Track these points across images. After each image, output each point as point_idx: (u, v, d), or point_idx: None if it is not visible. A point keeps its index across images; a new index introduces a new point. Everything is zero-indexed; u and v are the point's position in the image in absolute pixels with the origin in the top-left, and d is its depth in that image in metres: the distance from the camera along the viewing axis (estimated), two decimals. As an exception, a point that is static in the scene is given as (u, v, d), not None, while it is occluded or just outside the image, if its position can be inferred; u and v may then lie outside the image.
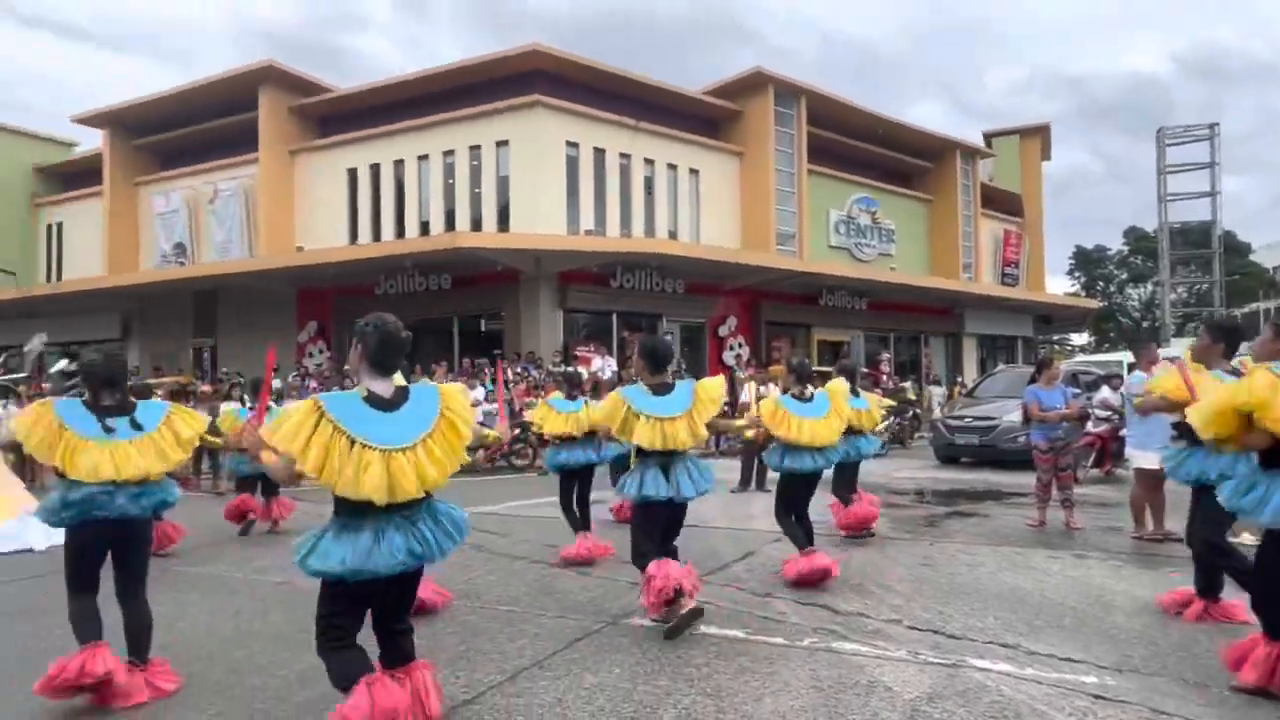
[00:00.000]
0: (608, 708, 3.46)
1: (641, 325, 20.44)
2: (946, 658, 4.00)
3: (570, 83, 20.25)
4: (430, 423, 2.93)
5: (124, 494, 3.60)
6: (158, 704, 3.57)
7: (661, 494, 4.42)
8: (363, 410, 2.84)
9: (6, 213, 26.55)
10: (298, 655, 4.19)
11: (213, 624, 4.87)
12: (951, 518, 8.32)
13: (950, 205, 28.80)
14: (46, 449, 3.58)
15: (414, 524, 2.88)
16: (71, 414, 3.63)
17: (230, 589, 5.70)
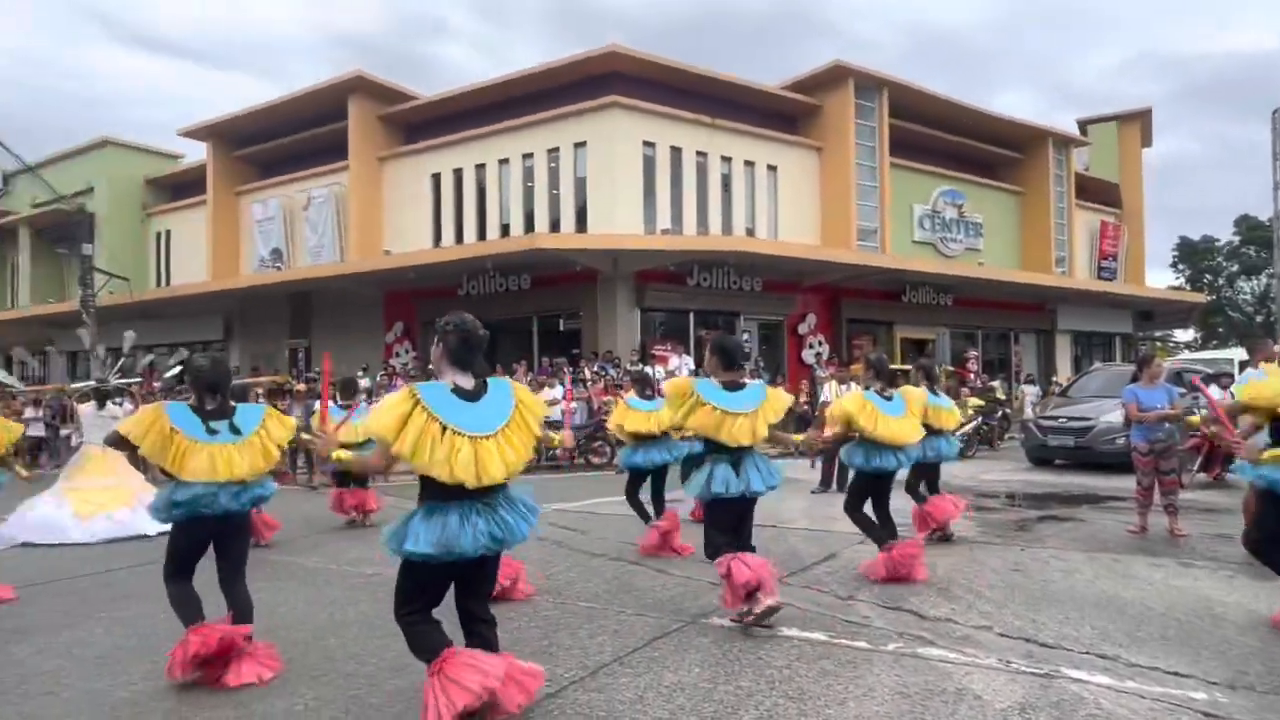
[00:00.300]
0: (688, 706, 3.46)
1: (718, 324, 20.35)
2: (1039, 667, 3.84)
3: (646, 82, 20.32)
4: (509, 413, 3.14)
5: (226, 493, 3.85)
6: (255, 691, 3.75)
7: (733, 490, 4.44)
8: (451, 400, 3.04)
9: (121, 222, 28.33)
10: (389, 644, 4.34)
11: (308, 613, 5.09)
12: (1044, 522, 7.99)
13: (1042, 197, 27.63)
14: (159, 451, 3.81)
15: (494, 509, 3.07)
16: (180, 417, 3.87)
17: (325, 579, 5.94)
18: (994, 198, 27.29)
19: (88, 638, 4.65)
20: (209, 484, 3.79)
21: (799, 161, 22.81)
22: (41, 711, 3.57)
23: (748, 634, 4.39)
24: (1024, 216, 28.02)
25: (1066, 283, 26.13)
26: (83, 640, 4.59)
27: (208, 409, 3.97)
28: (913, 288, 23.08)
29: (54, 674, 4.02)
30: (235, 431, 3.95)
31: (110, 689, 3.81)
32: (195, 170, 27.81)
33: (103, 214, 27.34)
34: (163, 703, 3.63)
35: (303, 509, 8.86)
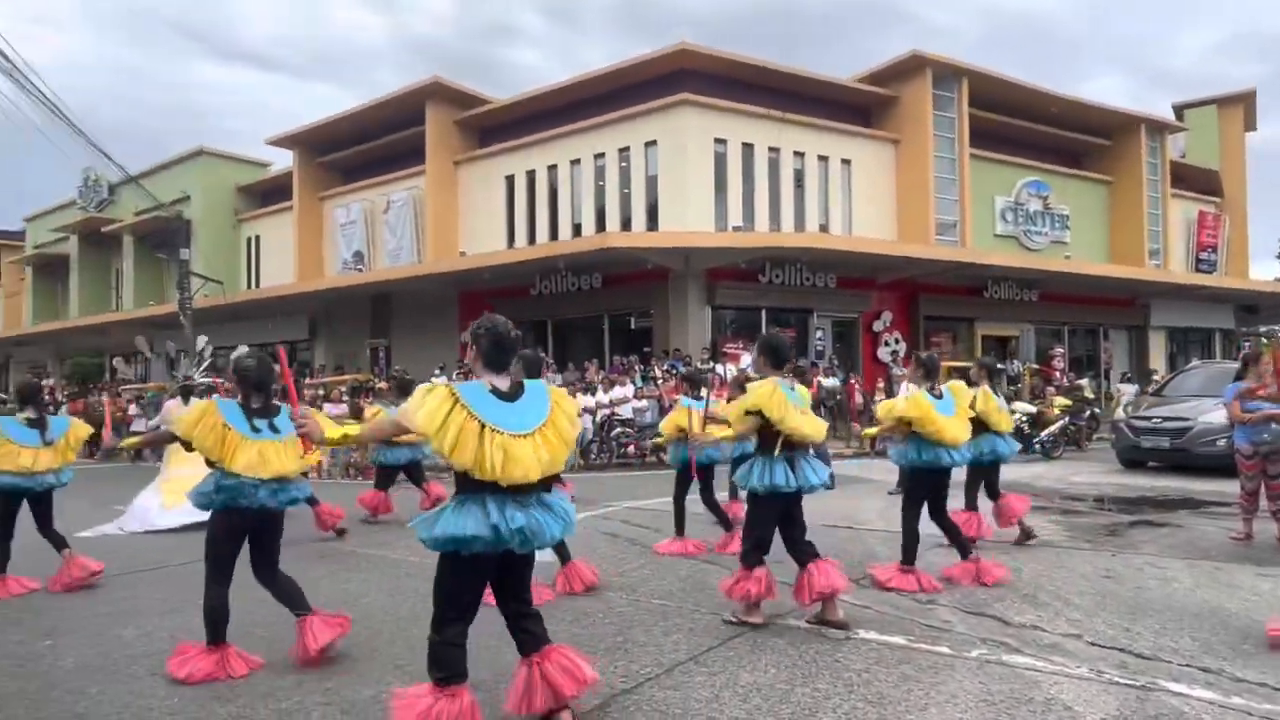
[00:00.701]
0: (764, 707, 3.43)
1: (790, 321, 20.12)
2: (1135, 679, 3.67)
3: (717, 79, 20.22)
4: (545, 413, 3.20)
5: (265, 488, 4.01)
6: (343, 678, 3.89)
7: (791, 484, 4.50)
8: (490, 400, 3.11)
9: (215, 228, 29.76)
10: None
11: (391, 604, 5.25)
12: (1137, 527, 7.62)
13: (1134, 186, 26.36)
14: (213, 444, 3.99)
15: (526, 507, 3.10)
16: (231, 414, 4.07)
17: (406, 572, 6.11)
18: (1081, 188, 26.18)
19: (188, 623, 4.88)
20: (251, 478, 3.96)
21: (874, 155, 22.33)
22: (149, 691, 3.79)
23: (824, 636, 4.34)
24: (1114, 207, 26.80)
25: (1161, 276, 24.88)
26: (184, 625, 4.83)
27: (254, 407, 4.15)
28: (994, 283, 22.34)
29: (159, 656, 4.24)
30: (275, 430, 4.13)
31: (210, 672, 4.00)
32: (282, 177, 29.01)
33: (198, 220, 28.77)
34: (259, 685, 3.80)
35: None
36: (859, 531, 7.41)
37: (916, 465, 5.41)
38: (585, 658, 3.37)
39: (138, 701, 3.66)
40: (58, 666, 4.17)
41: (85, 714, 3.54)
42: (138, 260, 31.79)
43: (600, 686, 3.66)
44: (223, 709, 3.54)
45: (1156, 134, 26.93)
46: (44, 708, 3.62)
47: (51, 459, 5.76)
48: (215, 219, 29.94)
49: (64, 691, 3.81)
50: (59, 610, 5.30)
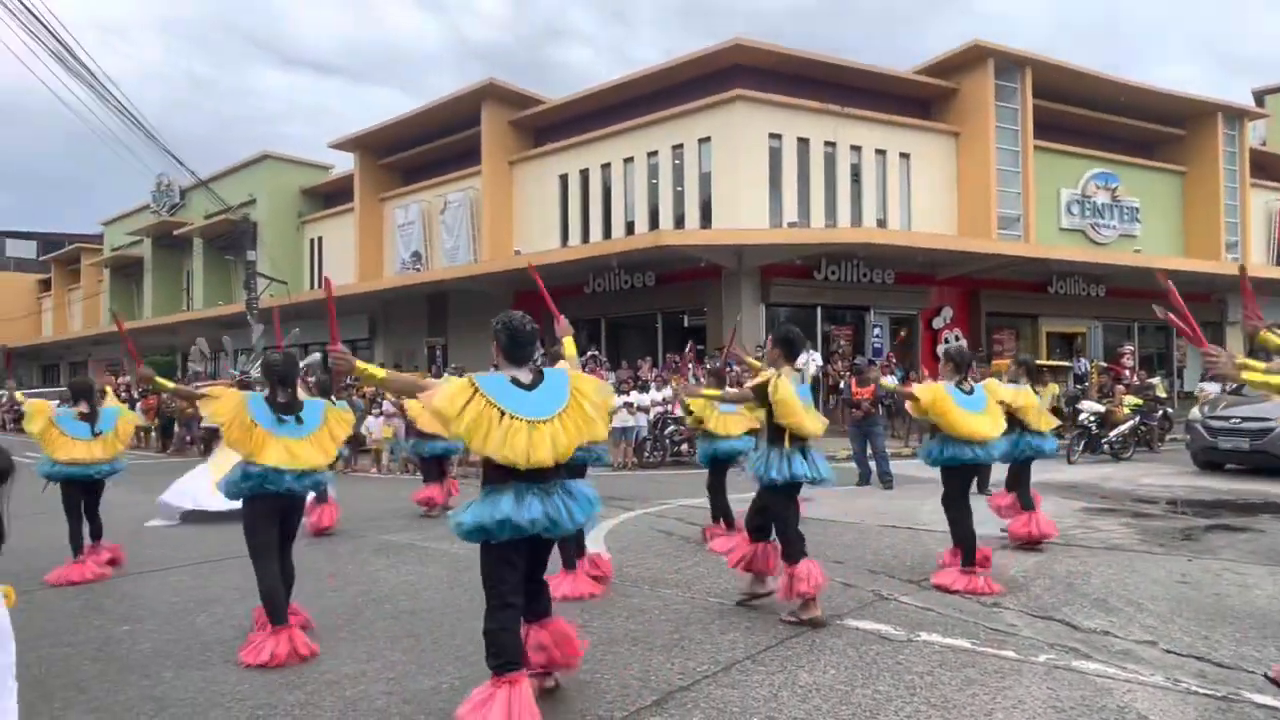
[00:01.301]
0: (824, 708, 3.38)
1: (846, 318, 19.82)
2: (1215, 689, 3.51)
3: (771, 74, 20.02)
4: (564, 400, 3.33)
5: (290, 475, 4.26)
6: (404, 669, 3.96)
7: (808, 474, 4.65)
8: (509, 389, 3.26)
9: (280, 230, 30.66)
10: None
11: (451, 597, 5.33)
12: (1214, 531, 7.30)
13: (1209, 176, 25.26)
14: (240, 438, 4.22)
15: (549, 495, 3.23)
16: (258, 409, 4.30)
17: (466, 565, 6.19)
18: (1153, 179, 25.20)
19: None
20: (272, 465, 4.19)
21: (934, 148, 21.85)
22: (221, 677, 3.91)
23: (885, 638, 4.26)
24: (1188, 198, 25.73)
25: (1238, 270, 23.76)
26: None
27: (280, 401, 4.38)
28: (1060, 278, 21.65)
29: (230, 643, 4.39)
30: (300, 423, 4.38)
31: (278, 659, 4.12)
32: (343, 180, 29.73)
33: (264, 222, 29.67)
34: (325, 674, 3.90)
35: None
36: (917, 533, 7.25)
37: (941, 462, 5.39)
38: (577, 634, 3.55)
39: (211, 687, 3.79)
40: (135, 651, 4.34)
41: (162, 698, 3.68)
42: (207, 261, 32.95)
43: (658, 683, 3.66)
44: (290, 696, 3.64)
45: (1234, 121, 25.75)
46: (123, 690, 3.78)
47: (102, 450, 6.09)
48: (280, 221, 30.84)
49: (141, 675, 3.96)
50: (136, 597, 5.52)
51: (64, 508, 6.12)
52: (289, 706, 3.53)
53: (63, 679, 3.89)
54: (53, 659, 4.14)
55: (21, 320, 45.60)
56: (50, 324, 45.64)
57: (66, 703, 3.60)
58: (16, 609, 2.37)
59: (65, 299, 44.91)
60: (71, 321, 43.56)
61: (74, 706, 3.57)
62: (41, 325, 46.48)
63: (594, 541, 7.07)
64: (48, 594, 5.61)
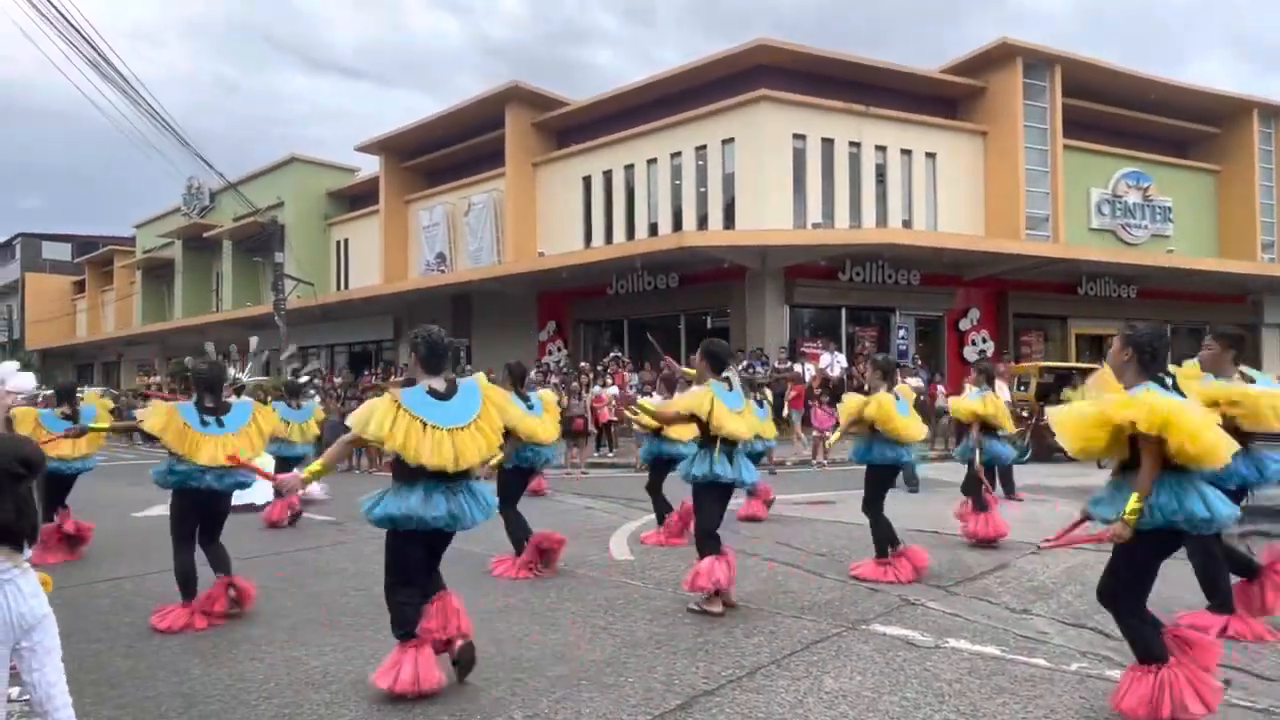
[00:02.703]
0: (851, 715, 3.34)
1: (871, 320, 19.66)
2: (1257, 701, 3.43)
3: (795, 74, 19.92)
4: (478, 407, 3.74)
5: (211, 474, 4.75)
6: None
7: (728, 475, 4.93)
8: (427, 400, 3.64)
9: (307, 232, 31.01)
10: (551, 632, 4.48)
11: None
12: (1246, 538, 7.12)
13: (1245, 175, 24.77)
14: (175, 440, 4.72)
15: (454, 494, 3.65)
16: (189, 414, 4.82)
17: (487, 568, 6.20)
18: (1185, 178, 24.75)
19: (283, 609, 5.09)
20: (198, 465, 4.71)
21: (961, 148, 21.62)
22: (248, 674, 3.94)
23: (913, 644, 4.20)
24: (1222, 198, 25.24)
25: (1275, 270, 23.26)
26: (279, 611, 5.04)
27: (207, 406, 4.90)
28: (1090, 279, 21.32)
29: (256, 642, 4.43)
30: (221, 425, 4.87)
31: (303, 657, 4.15)
32: (369, 182, 30.00)
33: (291, 225, 30.01)
34: (351, 672, 3.91)
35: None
36: (944, 537, 7.15)
37: (877, 462, 5.81)
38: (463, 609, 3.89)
39: (237, 684, 3.81)
40: (165, 647, 4.39)
41: (190, 694, 3.71)
42: (236, 263, 33.39)
43: (682, 686, 3.64)
44: (316, 695, 3.66)
45: (1271, 119, 25.23)
46: (152, 686, 3.81)
47: (85, 447, 6.74)
48: (307, 223, 31.19)
49: (170, 672, 4.00)
50: (165, 595, 5.58)
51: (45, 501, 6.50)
52: (314, 705, 3.55)
53: (94, 674, 3.94)
54: (84, 655, 4.19)
55: (57, 321, 46.48)
56: (84, 324, 46.47)
57: (98, 698, 3.64)
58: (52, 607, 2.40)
59: (99, 300, 45.73)
60: (105, 323, 44.35)
61: (105, 702, 3.61)
62: (75, 326, 47.34)
63: (618, 543, 7.06)
64: (76, 591, 5.69)
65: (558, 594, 5.34)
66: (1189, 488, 3.20)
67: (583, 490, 10.92)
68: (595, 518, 8.58)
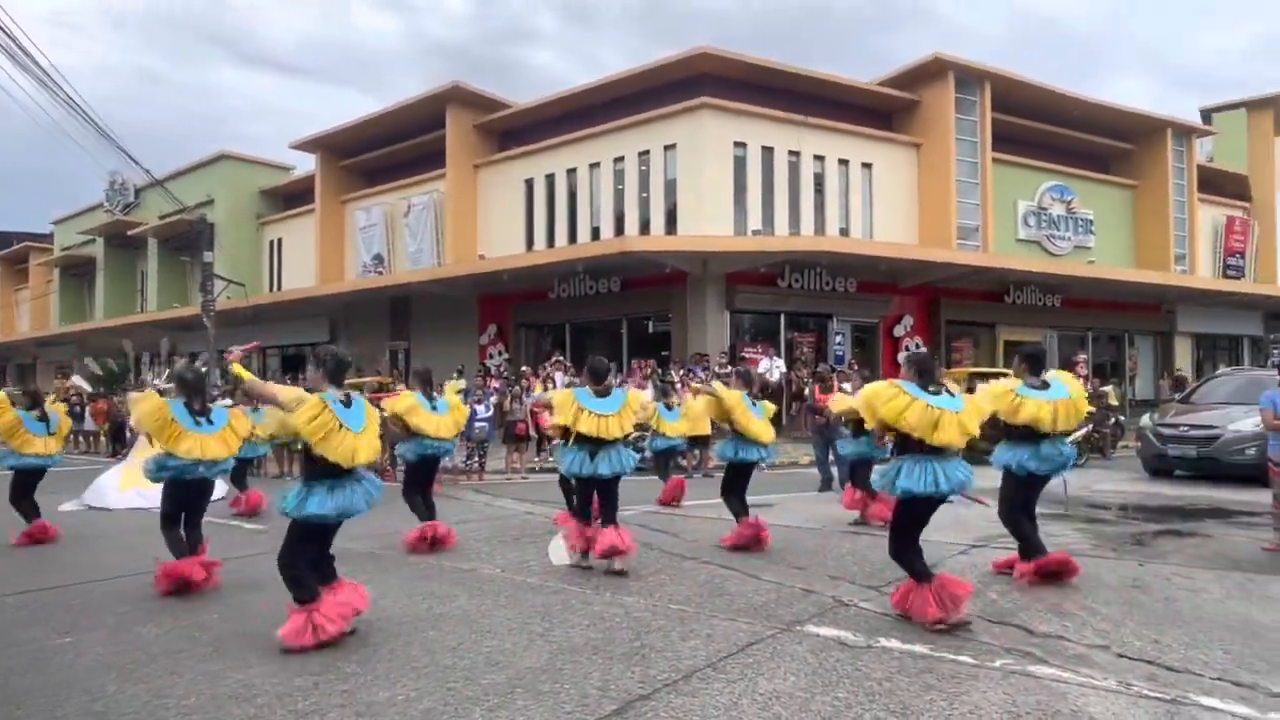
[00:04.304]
0: (784, 715, 3.38)
1: (810, 325, 20.00)
2: (1165, 692, 3.58)
3: (737, 83, 20.17)
4: (368, 416, 4.58)
5: (201, 465, 5.60)
6: (359, 680, 3.88)
7: (585, 471, 5.94)
8: (341, 407, 4.41)
9: (238, 231, 30.09)
10: (486, 639, 4.43)
11: (409, 606, 5.23)
12: (1164, 537, 7.48)
13: (1160, 190, 26.03)
14: (159, 429, 5.43)
15: (350, 489, 4.44)
16: (179, 412, 5.54)
17: (424, 574, 6.11)
18: (1106, 192, 25.88)
19: (206, 622, 4.91)
20: (192, 460, 5.49)
21: (896, 159, 22.19)
22: (167, 690, 3.78)
23: (845, 644, 4.27)
24: (1139, 211, 26.47)
25: (1187, 281, 24.49)
26: (201, 624, 4.86)
27: (194, 407, 5.67)
28: (1017, 288, 22.12)
29: (176, 655, 4.26)
30: (210, 424, 5.68)
31: (226, 671, 4.01)
32: (304, 181, 29.28)
33: (221, 223, 29.07)
34: (275, 686, 3.79)
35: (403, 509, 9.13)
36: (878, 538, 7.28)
37: (731, 459, 6.89)
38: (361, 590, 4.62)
39: (155, 700, 3.66)
40: (77, 663, 4.19)
41: (103, 712, 3.55)
42: (162, 262, 32.21)
43: (618, 692, 3.63)
44: (239, 709, 3.54)
45: (1183, 137, 26.57)
46: (62, 705, 3.63)
47: (56, 445, 7.79)
48: (238, 222, 30.28)
49: (82, 690, 3.82)
50: (83, 608, 5.34)
51: (14, 493, 7.68)
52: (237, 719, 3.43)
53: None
54: (-12, 673, 3.97)
55: (-35, 321, 44.13)
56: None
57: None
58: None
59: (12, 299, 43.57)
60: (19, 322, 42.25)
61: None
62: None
63: (556, 548, 7.02)
64: (-15, 605, 5.40)
65: (494, 600, 5.28)
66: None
67: (522, 495, 10.83)
68: (534, 522, 8.51)
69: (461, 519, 8.48)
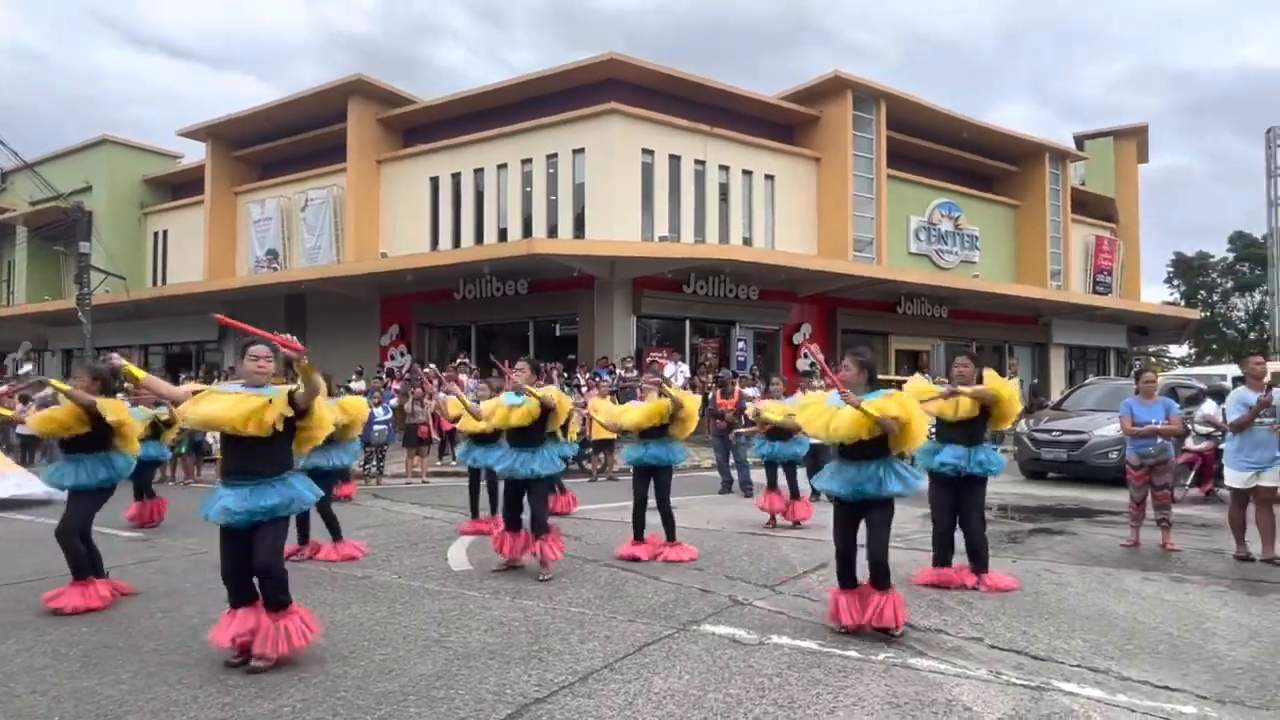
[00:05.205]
0: (677, 713, 3.45)
1: (714, 331, 20.38)
2: (1030, 679, 3.84)
3: (645, 90, 20.37)
4: None
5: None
6: (242, 693, 3.73)
7: (501, 467, 6.13)
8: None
9: (119, 221, 28.27)
10: (378, 647, 4.33)
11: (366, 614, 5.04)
12: (1036, 535, 7.99)
13: (1038, 210, 27.78)
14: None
15: (243, 490, 4.13)
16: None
17: (315, 580, 5.91)
18: (990, 211, 27.40)
19: (75, 635, 4.62)
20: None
21: (797, 171, 22.88)
22: (29, 710, 3.54)
23: (739, 642, 4.39)
24: (1020, 230, 28.15)
25: (1061, 296, 26.22)
26: (70, 639, 4.56)
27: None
28: (908, 299, 23.14)
29: (40, 672, 3.99)
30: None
31: (96, 688, 3.78)
32: (194, 170, 27.80)
33: (100, 212, 27.21)
34: (149, 701, 3.60)
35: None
36: (774, 540, 7.51)
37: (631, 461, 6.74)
38: (287, 635, 4.02)
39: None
40: (-77, 685, 3.86)
41: (-47, 736, 3.29)
42: (32, 252, 29.95)
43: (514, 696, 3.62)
44: (109, 727, 3.34)
45: (1059, 162, 28.43)
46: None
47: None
48: (119, 211, 28.48)
49: (-71, 712, 3.53)
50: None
51: None
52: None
53: None
54: None
55: None
56: None
57: None
58: None
59: None
60: None
61: None
62: None
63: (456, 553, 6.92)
64: None
65: (389, 608, 5.16)
66: None
67: (422, 499, 10.61)
68: (433, 527, 8.36)
69: (358, 525, 8.24)
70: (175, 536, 7.80)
